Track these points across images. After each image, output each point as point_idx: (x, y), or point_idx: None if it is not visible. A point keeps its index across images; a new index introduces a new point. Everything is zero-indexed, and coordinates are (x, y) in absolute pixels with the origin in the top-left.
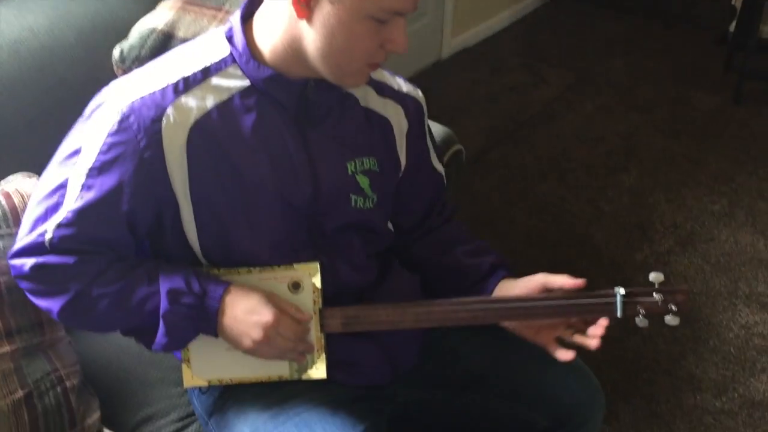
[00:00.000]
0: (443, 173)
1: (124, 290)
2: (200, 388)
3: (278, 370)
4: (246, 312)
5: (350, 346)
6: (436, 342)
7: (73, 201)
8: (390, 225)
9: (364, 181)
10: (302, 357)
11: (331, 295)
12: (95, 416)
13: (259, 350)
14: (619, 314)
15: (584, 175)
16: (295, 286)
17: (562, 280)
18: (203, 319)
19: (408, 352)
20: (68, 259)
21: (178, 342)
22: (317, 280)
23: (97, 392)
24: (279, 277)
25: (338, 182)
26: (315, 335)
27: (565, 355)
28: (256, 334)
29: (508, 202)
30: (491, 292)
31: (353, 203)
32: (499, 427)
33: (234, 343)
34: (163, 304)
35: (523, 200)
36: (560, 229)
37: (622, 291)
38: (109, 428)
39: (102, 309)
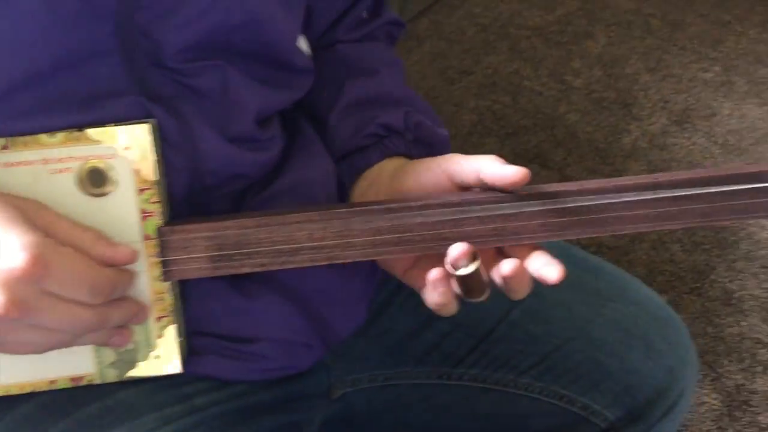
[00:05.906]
0: None
1: None
2: None
3: (71, 365)
4: None
5: (230, 300)
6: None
7: None
8: (304, 43)
9: None
10: (123, 335)
11: (182, 198)
12: None
13: (6, 338)
14: None
15: (541, 43)
16: (95, 179)
17: (486, 166)
18: None
19: (355, 309)
20: None
21: None
22: (149, 162)
23: None
24: (53, 159)
25: None
26: (150, 285)
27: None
28: None
29: (449, 80)
30: (353, 180)
31: None
32: (515, 423)
33: None
34: None
35: (466, 76)
36: (521, 110)
37: None
38: None
39: None
